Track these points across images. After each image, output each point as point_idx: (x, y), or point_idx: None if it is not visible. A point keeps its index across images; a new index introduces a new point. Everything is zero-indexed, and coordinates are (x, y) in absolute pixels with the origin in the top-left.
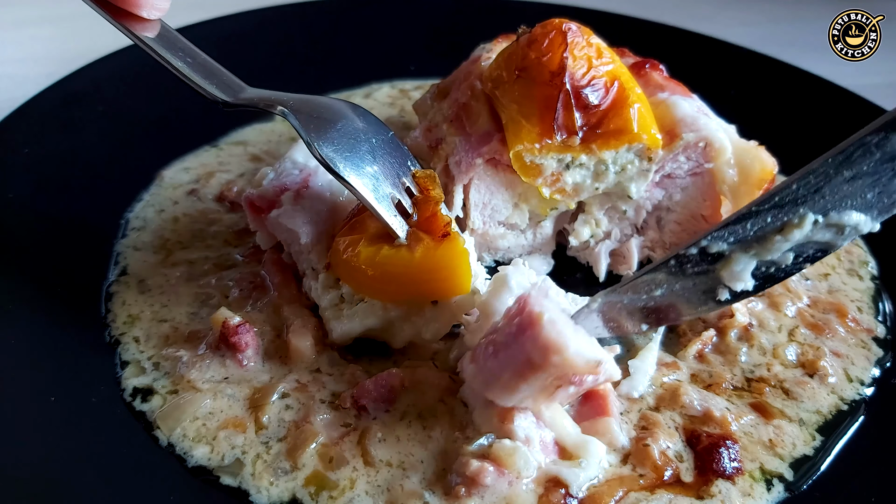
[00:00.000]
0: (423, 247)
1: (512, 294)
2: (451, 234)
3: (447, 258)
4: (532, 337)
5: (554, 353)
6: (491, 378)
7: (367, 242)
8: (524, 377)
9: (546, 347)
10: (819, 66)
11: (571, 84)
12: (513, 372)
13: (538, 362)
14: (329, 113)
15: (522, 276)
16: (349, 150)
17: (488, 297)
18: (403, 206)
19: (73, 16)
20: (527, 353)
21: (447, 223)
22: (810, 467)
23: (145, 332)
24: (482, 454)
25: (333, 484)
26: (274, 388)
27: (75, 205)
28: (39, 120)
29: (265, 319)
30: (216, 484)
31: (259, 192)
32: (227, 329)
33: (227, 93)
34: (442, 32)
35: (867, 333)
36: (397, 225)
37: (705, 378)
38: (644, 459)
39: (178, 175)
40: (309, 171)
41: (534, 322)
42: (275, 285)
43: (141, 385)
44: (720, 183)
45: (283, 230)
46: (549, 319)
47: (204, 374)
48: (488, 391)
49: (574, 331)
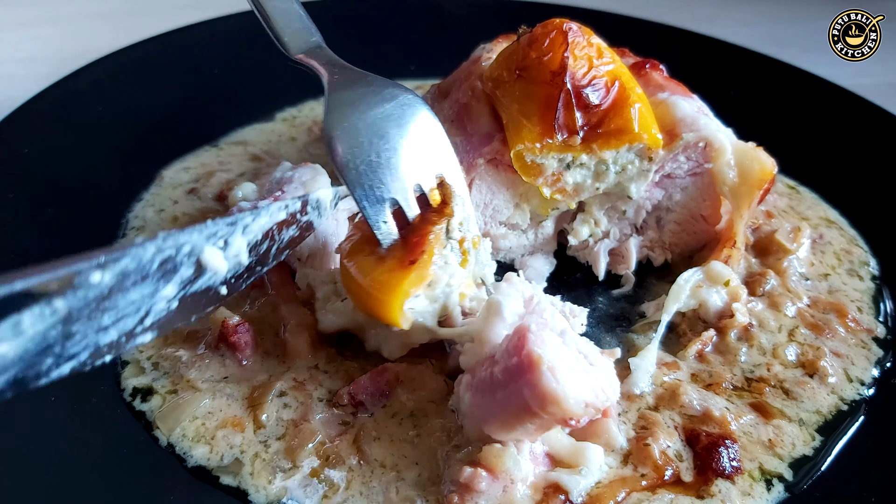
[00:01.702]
0: (385, 265)
1: (506, 324)
2: (416, 264)
3: (388, 285)
4: (530, 383)
5: (552, 403)
6: (488, 415)
7: (363, 241)
8: (521, 420)
9: (544, 397)
10: (819, 66)
11: (572, 84)
12: (510, 414)
13: (536, 410)
14: (369, 93)
15: (517, 301)
16: (366, 140)
17: (481, 325)
18: (403, 214)
19: (73, 16)
20: (524, 398)
21: (423, 252)
22: (810, 468)
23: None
24: (472, 460)
25: (329, 483)
26: (272, 387)
27: (75, 205)
28: (39, 120)
29: (263, 318)
30: (216, 483)
31: (239, 208)
32: (227, 328)
33: (293, 46)
34: (442, 32)
35: (867, 333)
36: (382, 231)
37: (705, 378)
38: (645, 459)
39: (178, 175)
40: (285, 182)
41: (533, 366)
42: (273, 284)
43: (140, 385)
44: (720, 184)
45: None
46: (548, 367)
47: (203, 373)
48: (485, 426)
49: (573, 373)
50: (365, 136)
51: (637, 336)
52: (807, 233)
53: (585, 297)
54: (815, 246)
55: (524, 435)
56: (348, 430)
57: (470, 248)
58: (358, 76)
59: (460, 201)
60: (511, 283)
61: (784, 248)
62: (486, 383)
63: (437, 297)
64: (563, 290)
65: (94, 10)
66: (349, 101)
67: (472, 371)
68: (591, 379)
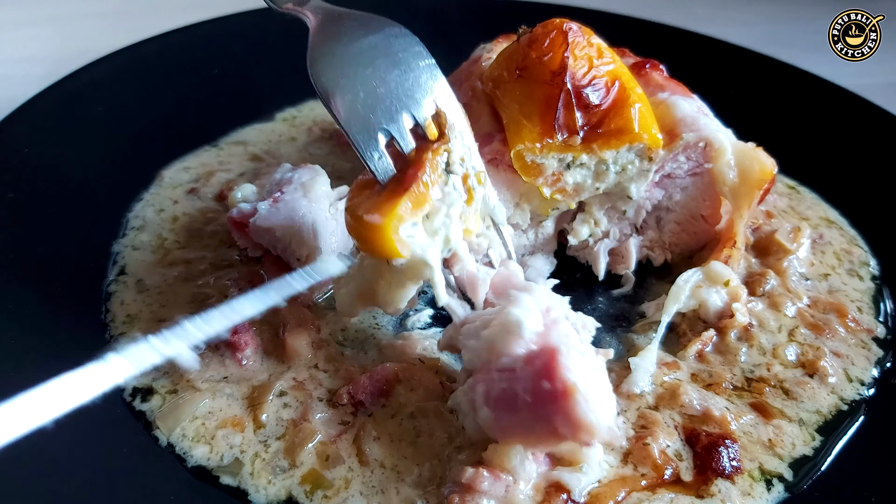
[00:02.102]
0: (381, 196)
1: (523, 341)
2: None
3: (379, 209)
4: (564, 411)
5: (586, 432)
6: (508, 432)
7: (363, 185)
8: (545, 441)
9: (578, 426)
10: (819, 66)
11: (572, 83)
12: (535, 435)
13: (566, 435)
14: (354, 26)
15: (536, 318)
16: (351, 70)
17: (495, 335)
18: (397, 147)
19: (73, 16)
20: (555, 425)
21: (415, 177)
22: (810, 468)
23: (144, 331)
24: (475, 461)
25: (328, 483)
26: (272, 387)
27: (75, 205)
28: (39, 120)
29: (263, 318)
30: (216, 483)
31: (239, 209)
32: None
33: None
34: (442, 32)
35: (867, 333)
36: (376, 165)
37: (705, 378)
38: (645, 458)
39: (178, 175)
40: (284, 183)
41: (567, 395)
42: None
43: (141, 385)
44: (720, 184)
45: (263, 233)
46: (582, 396)
47: (203, 373)
48: (502, 441)
49: (601, 398)
50: (350, 66)
51: (637, 336)
52: (807, 233)
53: (585, 297)
54: (815, 246)
55: (541, 449)
56: (348, 430)
57: (475, 184)
58: (344, 13)
59: (458, 133)
60: (533, 295)
61: (784, 248)
62: (508, 400)
63: (436, 230)
64: (562, 290)
65: (94, 10)
66: (333, 34)
67: (488, 382)
68: (613, 398)
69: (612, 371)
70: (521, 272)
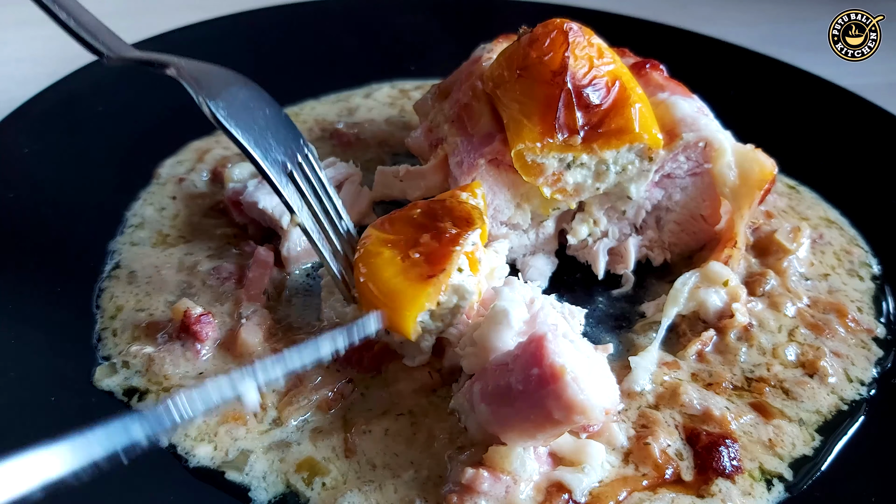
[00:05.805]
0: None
1: (513, 332)
2: (434, 279)
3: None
4: (555, 394)
5: (579, 413)
6: (506, 425)
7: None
8: (542, 428)
9: (570, 408)
10: (819, 66)
11: (573, 83)
12: (531, 423)
13: (560, 419)
14: (222, 78)
15: (521, 308)
16: (242, 113)
17: (486, 331)
18: (295, 177)
19: None
20: (548, 409)
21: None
22: (810, 467)
23: (123, 323)
24: (476, 461)
25: (324, 469)
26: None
27: (75, 204)
28: (39, 120)
29: (225, 311)
30: (219, 481)
31: (232, 188)
32: (188, 318)
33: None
34: (442, 32)
35: (867, 334)
36: (288, 193)
37: (705, 377)
38: (645, 458)
39: (174, 169)
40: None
41: (556, 377)
42: (249, 280)
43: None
44: (721, 184)
45: (253, 208)
46: (571, 377)
47: (176, 368)
48: (502, 435)
49: (593, 380)
50: (244, 108)
51: (637, 336)
52: (807, 233)
53: (585, 297)
54: (815, 246)
55: (541, 442)
56: (341, 403)
57: (480, 255)
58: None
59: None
60: (513, 288)
61: (784, 248)
62: (503, 393)
63: (443, 316)
64: (563, 289)
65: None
66: (212, 85)
67: (484, 379)
68: (608, 382)
69: (613, 370)
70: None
